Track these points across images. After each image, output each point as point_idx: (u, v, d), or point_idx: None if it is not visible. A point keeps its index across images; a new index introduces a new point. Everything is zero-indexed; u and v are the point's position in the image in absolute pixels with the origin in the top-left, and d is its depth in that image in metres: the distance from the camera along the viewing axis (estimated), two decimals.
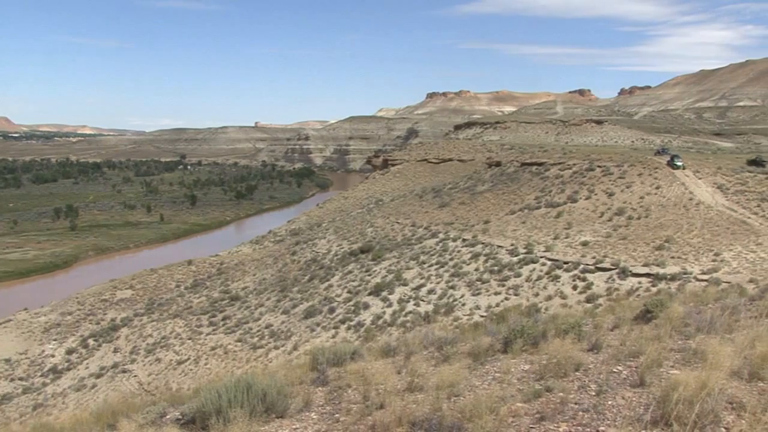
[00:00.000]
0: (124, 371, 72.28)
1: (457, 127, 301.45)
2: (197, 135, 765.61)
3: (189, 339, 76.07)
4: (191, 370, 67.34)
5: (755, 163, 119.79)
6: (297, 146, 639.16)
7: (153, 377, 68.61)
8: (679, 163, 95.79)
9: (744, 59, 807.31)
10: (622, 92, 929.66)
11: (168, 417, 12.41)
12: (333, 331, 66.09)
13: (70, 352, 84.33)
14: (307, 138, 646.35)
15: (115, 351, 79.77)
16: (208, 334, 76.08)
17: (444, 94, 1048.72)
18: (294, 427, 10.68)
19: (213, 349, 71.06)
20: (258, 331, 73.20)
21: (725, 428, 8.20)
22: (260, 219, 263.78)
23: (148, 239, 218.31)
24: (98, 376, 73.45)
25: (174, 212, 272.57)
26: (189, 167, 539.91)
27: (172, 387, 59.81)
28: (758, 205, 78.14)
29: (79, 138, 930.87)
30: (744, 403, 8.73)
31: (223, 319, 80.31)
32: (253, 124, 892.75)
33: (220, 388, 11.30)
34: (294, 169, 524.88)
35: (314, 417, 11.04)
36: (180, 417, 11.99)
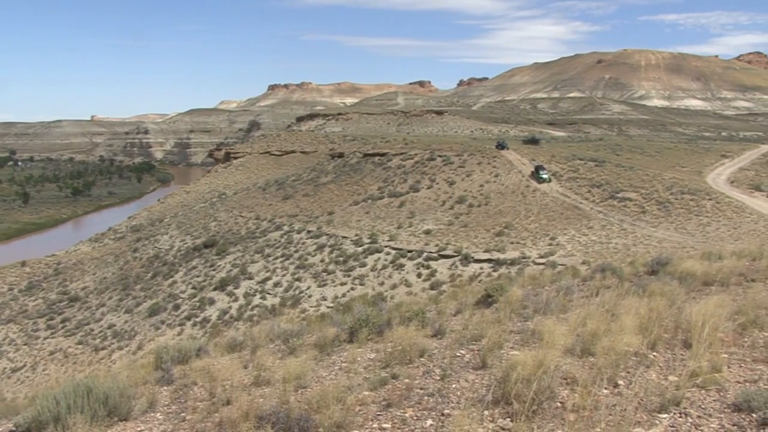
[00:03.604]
0: None
1: (300, 119, 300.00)
2: (28, 129, 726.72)
3: (25, 345, 72.59)
4: (28, 377, 64.31)
5: (531, 141, 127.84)
6: (136, 140, 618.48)
7: None
8: (545, 176, 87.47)
9: (573, 53, 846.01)
10: (461, 83, 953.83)
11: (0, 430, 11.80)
12: (179, 328, 64.79)
13: None
14: (146, 132, 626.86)
15: None
16: (46, 338, 72.86)
17: (286, 86, 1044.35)
18: (138, 429, 10.35)
19: (52, 353, 68.13)
20: (100, 332, 70.77)
21: (560, 402, 8.55)
22: (99, 216, 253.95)
23: None
24: None
25: (4, 211, 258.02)
26: (20, 163, 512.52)
27: (6, 397, 56.86)
28: (589, 191, 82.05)
29: None
30: (577, 377, 9.13)
31: (62, 321, 77.07)
32: (89, 118, 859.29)
33: (57, 395, 10.78)
34: (134, 163, 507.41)
35: (160, 417, 10.74)
36: (13, 429, 11.36)
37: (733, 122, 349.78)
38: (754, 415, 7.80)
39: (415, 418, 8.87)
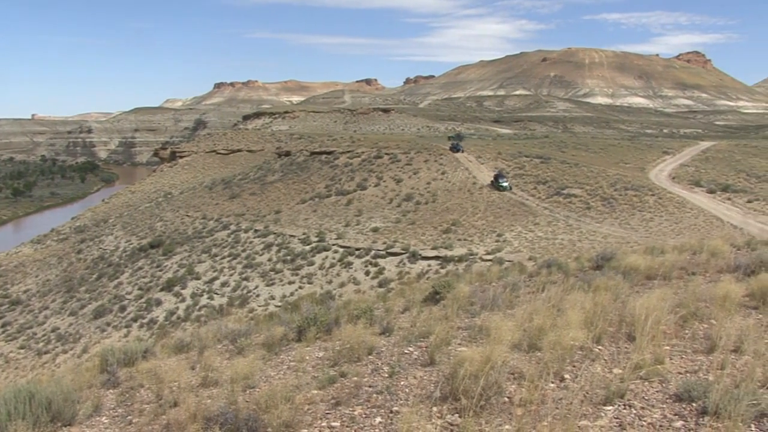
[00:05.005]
0: None
1: (246, 118, 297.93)
2: None
3: None
4: None
5: (457, 137, 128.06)
6: (79, 139, 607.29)
7: None
8: (504, 184, 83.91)
9: (519, 51, 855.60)
10: (407, 81, 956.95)
11: None
12: (125, 330, 63.89)
13: None
14: (90, 131, 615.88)
15: None
16: None
17: (232, 84, 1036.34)
18: None
19: None
20: (44, 335, 69.42)
21: (508, 397, 8.63)
22: (41, 217, 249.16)
23: None
24: None
25: None
26: None
27: None
28: (535, 188, 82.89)
29: None
30: (524, 372, 9.22)
31: (3, 325, 75.38)
32: (29, 117, 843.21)
33: None
34: (77, 163, 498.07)
35: (105, 421, 10.59)
36: None
37: (674, 119, 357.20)
38: (694, 404, 7.99)
39: (363, 416, 8.89)
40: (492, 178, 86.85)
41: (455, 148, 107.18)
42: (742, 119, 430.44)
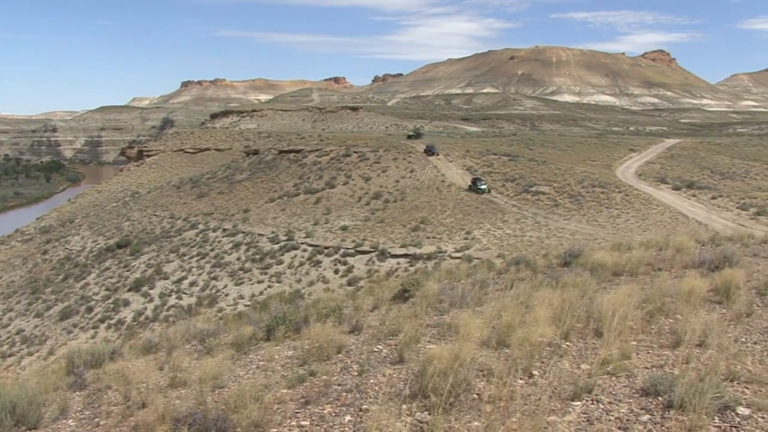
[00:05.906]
0: None
1: (214, 116, 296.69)
2: None
3: None
4: None
5: (415, 135, 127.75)
6: (44, 138, 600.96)
7: None
8: (483, 187, 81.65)
9: (487, 49, 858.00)
10: (376, 80, 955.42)
11: None
12: (92, 331, 63.25)
13: None
14: (55, 130, 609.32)
15: None
16: None
17: (199, 82, 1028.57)
18: None
19: None
20: (8, 338, 68.53)
21: (477, 394, 8.67)
22: (5, 217, 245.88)
23: None
24: None
25: None
26: None
27: None
28: (503, 185, 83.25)
29: None
30: (493, 369, 9.27)
31: None
32: None
33: None
34: (42, 163, 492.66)
35: (72, 424, 10.46)
36: None
37: (639, 117, 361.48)
38: (660, 398, 8.09)
39: (333, 414, 8.88)
40: (470, 182, 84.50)
41: (430, 151, 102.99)
42: (706, 117, 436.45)
